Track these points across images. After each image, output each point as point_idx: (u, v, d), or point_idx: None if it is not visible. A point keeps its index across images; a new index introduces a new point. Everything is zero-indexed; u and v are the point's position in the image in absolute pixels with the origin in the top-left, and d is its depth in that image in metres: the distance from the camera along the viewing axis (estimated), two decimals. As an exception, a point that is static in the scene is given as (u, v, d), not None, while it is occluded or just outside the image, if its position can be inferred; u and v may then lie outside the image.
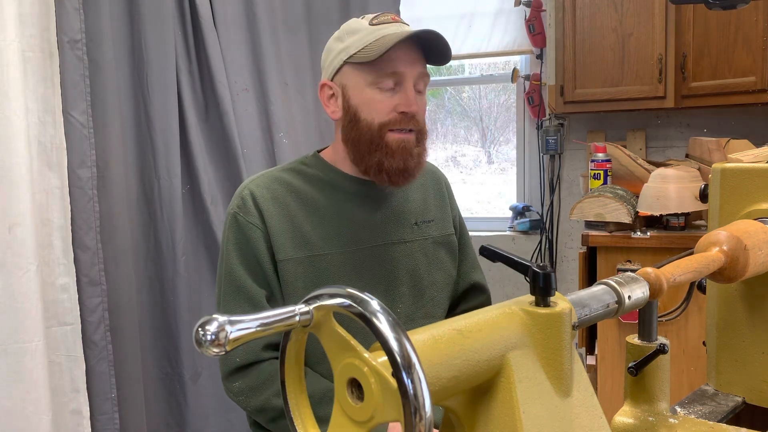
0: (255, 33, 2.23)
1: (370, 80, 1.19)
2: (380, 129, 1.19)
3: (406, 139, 1.20)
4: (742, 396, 1.01)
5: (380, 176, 1.22)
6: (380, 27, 1.19)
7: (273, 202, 1.23)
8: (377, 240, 1.27)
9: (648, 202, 2.29)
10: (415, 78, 1.20)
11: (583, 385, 0.66)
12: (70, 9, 1.69)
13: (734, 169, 0.99)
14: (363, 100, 1.20)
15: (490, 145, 4.04)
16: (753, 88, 2.48)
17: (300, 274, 1.21)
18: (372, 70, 1.18)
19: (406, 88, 1.19)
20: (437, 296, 1.34)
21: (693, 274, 0.81)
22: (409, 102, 1.19)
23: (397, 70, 1.18)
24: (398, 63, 1.17)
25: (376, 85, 1.19)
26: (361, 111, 1.20)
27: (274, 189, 1.25)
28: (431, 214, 1.36)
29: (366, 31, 1.20)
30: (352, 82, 1.21)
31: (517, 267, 0.68)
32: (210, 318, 0.48)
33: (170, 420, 2.09)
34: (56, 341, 1.69)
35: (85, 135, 1.73)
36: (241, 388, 1.21)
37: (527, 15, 3.33)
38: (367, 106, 1.19)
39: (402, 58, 1.18)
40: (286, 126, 2.28)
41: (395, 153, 1.19)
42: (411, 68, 1.19)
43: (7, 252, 1.59)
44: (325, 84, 1.25)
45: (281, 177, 1.28)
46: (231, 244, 1.24)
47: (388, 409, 0.49)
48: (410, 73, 1.19)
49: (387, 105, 1.19)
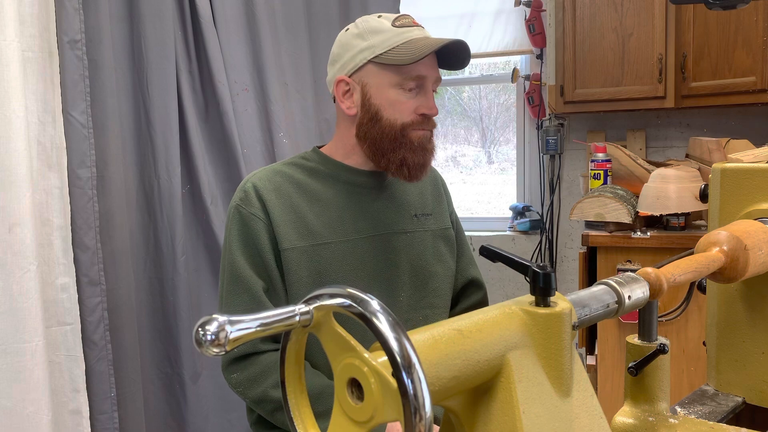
0: (255, 33, 2.23)
1: (396, 81, 1.22)
2: (402, 128, 1.23)
3: (426, 136, 1.26)
4: (742, 396, 1.01)
5: (401, 171, 1.26)
6: (405, 30, 1.24)
7: (275, 193, 1.26)
8: (379, 229, 1.30)
9: (648, 202, 2.29)
10: (434, 82, 1.26)
11: (583, 385, 0.66)
12: (70, 9, 1.69)
13: (734, 169, 0.99)
14: (386, 100, 1.23)
15: (490, 145, 4.04)
16: (753, 88, 2.48)
17: (304, 262, 1.23)
18: (398, 72, 1.21)
19: (426, 91, 1.25)
20: (439, 287, 1.36)
21: (693, 274, 0.81)
22: (430, 105, 1.24)
23: (421, 74, 1.22)
24: (423, 68, 1.22)
25: (400, 87, 1.22)
26: (384, 110, 1.23)
27: (275, 181, 1.28)
28: (429, 208, 1.39)
29: (391, 32, 1.23)
30: (375, 81, 1.23)
31: (517, 267, 0.68)
32: (210, 318, 0.48)
33: (170, 420, 2.09)
34: (56, 341, 1.69)
35: (85, 135, 1.73)
36: (239, 379, 1.23)
37: (527, 15, 3.34)
38: (390, 106, 1.23)
39: (426, 63, 1.23)
40: (286, 126, 2.28)
41: (417, 149, 1.24)
42: (432, 72, 1.25)
43: (7, 252, 1.59)
44: (342, 80, 1.26)
45: (282, 170, 1.31)
46: (234, 236, 1.26)
47: (388, 409, 0.49)
48: (431, 77, 1.25)
49: (410, 106, 1.23)
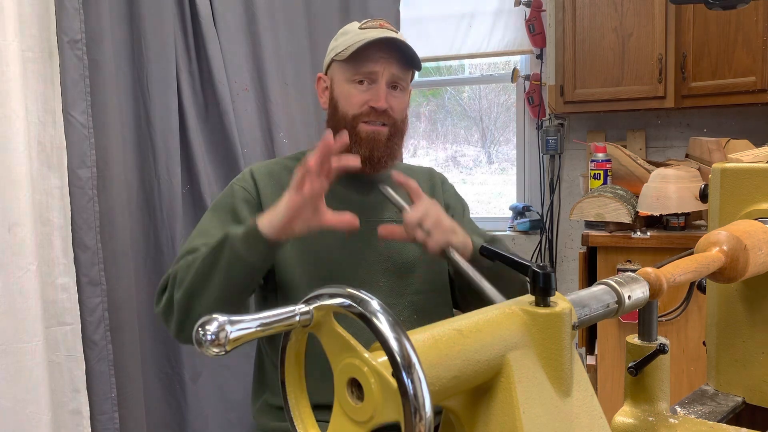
0: (255, 33, 2.23)
1: (348, 77, 1.32)
2: (353, 120, 1.32)
3: (377, 131, 1.32)
4: (742, 396, 1.01)
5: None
6: (366, 31, 1.33)
7: (269, 177, 1.36)
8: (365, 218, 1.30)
9: (648, 202, 2.29)
10: (388, 78, 1.31)
11: (583, 385, 0.66)
12: (70, 9, 1.69)
13: (734, 169, 0.99)
14: (341, 93, 1.34)
15: (490, 145, 4.04)
16: (753, 88, 2.48)
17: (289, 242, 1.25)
18: (350, 68, 1.32)
19: (378, 86, 1.31)
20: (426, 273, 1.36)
21: (693, 274, 0.81)
22: (378, 98, 1.30)
23: (370, 69, 1.31)
24: (371, 63, 1.30)
25: (352, 81, 1.32)
26: (339, 103, 1.34)
27: (272, 168, 1.39)
28: None
29: (354, 33, 1.34)
30: (336, 77, 1.36)
31: (517, 267, 0.68)
32: (210, 318, 0.48)
33: (170, 420, 2.09)
34: (56, 341, 1.69)
35: (85, 135, 1.73)
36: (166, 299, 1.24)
37: (527, 15, 3.34)
38: (344, 99, 1.33)
39: (375, 59, 1.30)
40: (286, 126, 2.28)
41: (363, 142, 1.31)
42: (385, 68, 1.31)
43: (7, 252, 1.59)
44: (320, 77, 1.42)
45: (281, 161, 1.43)
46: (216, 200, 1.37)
47: (388, 409, 0.49)
48: (383, 72, 1.31)
49: (359, 99, 1.31)
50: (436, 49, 3.56)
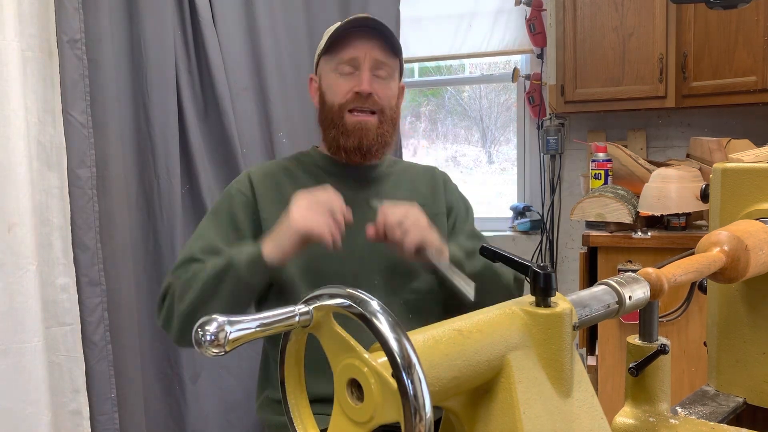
0: (255, 33, 2.23)
1: (332, 67, 1.33)
2: (340, 109, 1.31)
3: (364, 121, 1.31)
4: (743, 396, 1.01)
5: (339, 153, 1.34)
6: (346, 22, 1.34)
7: (265, 177, 1.36)
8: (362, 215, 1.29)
9: (649, 202, 2.28)
10: (371, 63, 1.31)
11: (584, 385, 0.65)
12: (70, 9, 1.69)
13: (735, 169, 0.99)
14: (327, 85, 1.34)
15: (490, 145, 4.04)
16: (754, 88, 2.48)
17: None
18: (332, 58, 1.33)
19: (361, 71, 1.31)
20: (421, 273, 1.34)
21: (694, 274, 0.80)
22: (361, 82, 1.30)
23: (351, 55, 1.31)
24: (352, 50, 1.31)
25: (336, 71, 1.32)
26: (326, 95, 1.35)
27: (268, 168, 1.40)
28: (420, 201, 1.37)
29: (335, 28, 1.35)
30: (323, 71, 1.37)
31: (517, 267, 0.68)
32: (209, 318, 0.48)
33: (170, 420, 2.09)
34: (56, 341, 1.69)
35: (85, 135, 1.73)
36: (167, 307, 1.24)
37: (528, 14, 3.33)
38: (330, 89, 1.34)
39: (356, 45, 1.31)
40: (286, 126, 2.28)
41: (350, 132, 1.31)
42: (366, 54, 1.31)
43: (7, 252, 1.59)
44: (311, 77, 1.43)
45: (279, 162, 1.44)
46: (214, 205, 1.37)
47: (388, 409, 0.49)
48: (365, 58, 1.31)
49: (344, 87, 1.31)
50: (436, 49, 3.56)
